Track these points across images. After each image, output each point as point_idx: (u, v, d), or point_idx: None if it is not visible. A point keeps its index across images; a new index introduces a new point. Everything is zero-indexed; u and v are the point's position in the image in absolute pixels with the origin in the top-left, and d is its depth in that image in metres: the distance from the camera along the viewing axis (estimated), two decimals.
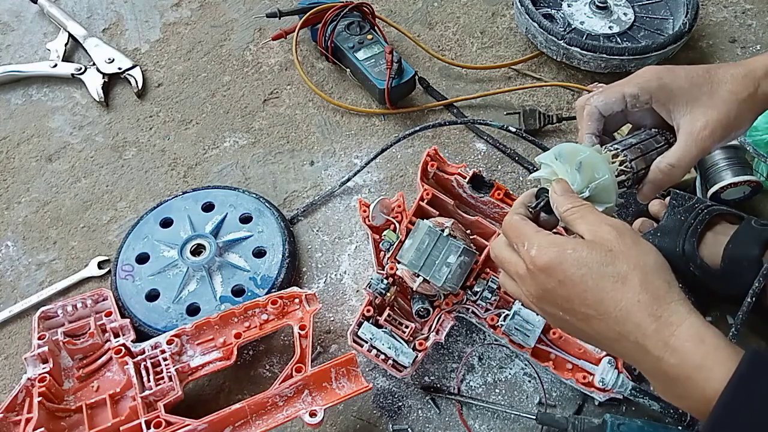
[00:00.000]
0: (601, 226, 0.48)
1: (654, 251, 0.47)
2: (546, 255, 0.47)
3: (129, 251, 0.77)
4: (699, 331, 0.43)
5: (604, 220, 0.48)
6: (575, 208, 0.50)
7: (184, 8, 1.06)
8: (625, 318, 0.44)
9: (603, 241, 0.46)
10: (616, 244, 0.46)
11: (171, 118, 0.93)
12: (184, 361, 0.66)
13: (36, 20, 1.06)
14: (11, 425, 0.62)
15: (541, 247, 0.48)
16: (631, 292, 0.44)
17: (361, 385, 0.62)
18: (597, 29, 0.94)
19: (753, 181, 0.75)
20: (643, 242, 0.48)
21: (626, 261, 0.45)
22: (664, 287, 0.45)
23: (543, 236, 0.49)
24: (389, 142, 0.84)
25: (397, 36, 1.00)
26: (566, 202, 0.51)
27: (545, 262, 0.47)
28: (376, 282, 0.66)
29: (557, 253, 0.46)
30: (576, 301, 0.46)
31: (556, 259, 0.46)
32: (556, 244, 0.47)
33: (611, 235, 0.47)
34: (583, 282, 0.45)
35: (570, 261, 0.46)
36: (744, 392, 0.40)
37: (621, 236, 0.47)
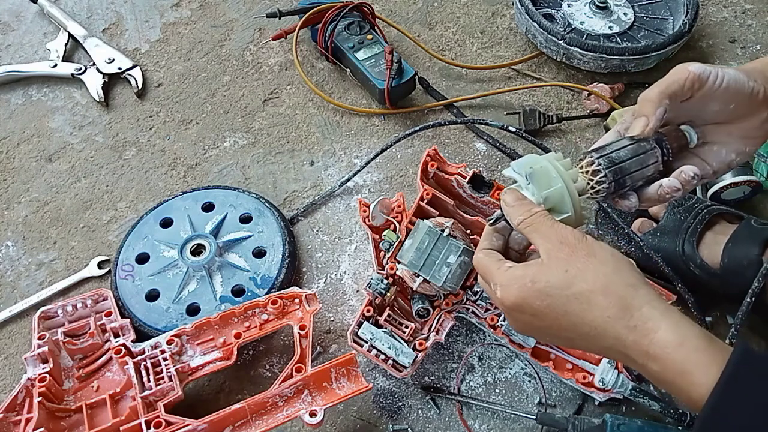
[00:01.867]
0: (553, 242, 0.47)
1: (611, 257, 0.46)
2: (510, 295, 0.47)
3: (129, 251, 0.77)
4: (677, 334, 0.42)
5: (556, 232, 0.47)
6: (528, 219, 0.49)
7: (184, 8, 1.06)
8: (602, 335, 0.44)
9: (558, 262, 0.46)
10: (571, 263, 0.46)
11: (171, 118, 0.93)
12: (184, 361, 0.66)
13: (36, 20, 1.06)
14: (11, 425, 0.62)
15: (504, 288, 0.48)
16: (598, 311, 0.44)
17: (361, 385, 0.62)
18: (597, 29, 0.94)
19: (753, 181, 0.75)
20: (598, 249, 0.47)
21: (584, 279, 0.45)
22: (629, 293, 0.44)
23: (503, 273, 0.49)
24: (389, 142, 0.84)
25: (397, 36, 1.00)
26: (518, 214, 0.50)
27: (512, 302, 0.47)
28: (376, 282, 0.66)
29: (519, 290, 0.47)
30: (554, 328, 0.47)
31: (520, 296, 0.47)
32: (516, 280, 0.47)
33: (563, 252, 0.46)
34: (552, 311, 0.46)
35: (533, 294, 0.46)
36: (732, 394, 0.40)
37: (574, 252, 0.46)
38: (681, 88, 0.52)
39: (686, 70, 0.52)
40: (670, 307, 0.44)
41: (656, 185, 0.53)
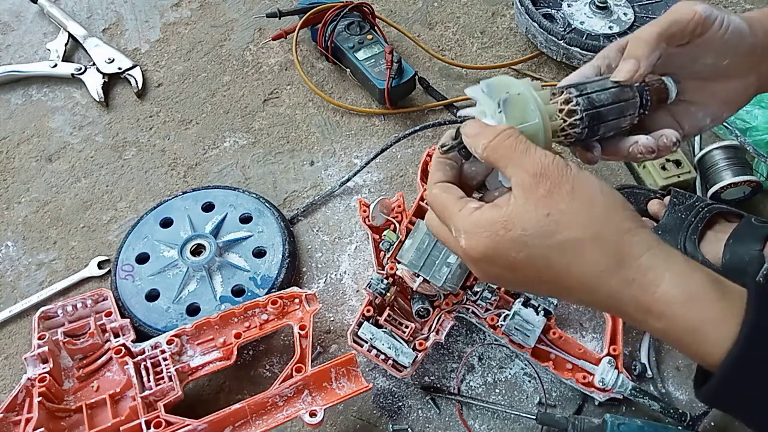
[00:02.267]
0: (529, 172, 0.39)
1: (600, 193, 0.39)
2: (478, 245, 0.39)
3: (129, 251, 0.77)
4: (683, 287, 0.36)
5: (533, 160, 0.39)
6: (495, 142, 0.40)
7: (184, 8, 1.06)
8: (593, 289, 0.38)
9: (536, 202, 0.38)
10: (553, 203, 0.38)
11: (171, 118, 0.93)
12: (184, 361, 0.66)
13: (36, 20, 1.06)
14: (11, 425, 0.62)
15: (469, 236, 0.40)
16: (588, 263, 0.38)
17: (361, 385, 0.62)
18: (597, 29, 0.94)
19: (753, 181, 0.76)
20: (585, 183, 0.39)
21: (569, 225, 0.37)
22: (625, 240, 0.38)
23: (467, 217, 0.40)
24: (389, 142, 0.84)
25: (397, 36, 1.00)
26: (482, 139, 0.41)
27: (480, 253, 0.40)
28: (376, 282, 0.66)
29: (489, 240, 0.39)
30: (532, 281, 0.40)
31: (490, 246, 0.39)
32: (484, 226, 0.39)
33: (542, 187, 0.38)
34: (531, 264, 0.39)
35: (506, 245, 0.38)
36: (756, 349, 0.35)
37: (556, 188, 0.38)
38: (682, 30, 0.45)
39: (692, 10, 0.45)
40: (672, 251, 0.38)
41: (630, 140, 0.47)
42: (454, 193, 0.43)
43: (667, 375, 0.69)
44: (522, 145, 0.40)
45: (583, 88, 0.46)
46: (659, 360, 0.70)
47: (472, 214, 0.40)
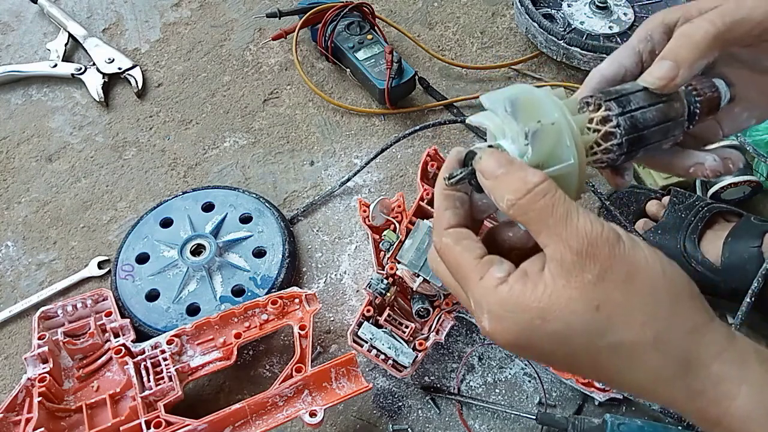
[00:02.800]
0: (572, 246, 0.30)
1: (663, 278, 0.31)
2: (506, 332, 0.32)
3: (129, 251, 0.77)
4: (763, 403, 0.30)
5: (577, 229, 0.31)
6: (526, 201, 0.32)
7: (184, 8, 1.06)
8: (651, 395, 0.32)
9: (583, 289, 0.30)
10: (604, 292, 0.30)
11: (171, 118, 0.93)
12: (184, 361, 0.66)
13: (36, 20, 1.06)
14: (11, 425, 0.62)
15: (495, 318, 0.32)
16: (647, 370, 0.31)
17: (361, 385, 0.62)
18: (597, 29, 0.94)
19: (753, 181, 0.76)
20: (643, 265, 0.31)
21: (627, 322, 0.30)
22: (693, 344, 0.31)
23: (491, 292, 0.32)
24: (389, 142, 0.84)
25: (397, 36, 1.00)
26: (508, 189, 0.32)
27: (509, 341, 0.33)
28: (376, 282, 0.66)
29: (521, 329, 0.32)
30: (576, 371, 0.34)
31: (523, 336, 0.32)
32: (513, 311, 0.32)
33: (591, 269, 0.30)
34: (574, 361, 0.32)
35: (544, 338, 0.31)
36: None
37: (607, 271, 0.30)
38: (747, 33, 0.35)
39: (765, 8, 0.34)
40: (747, 353, 0.31)
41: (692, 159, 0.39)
42: (472, 250, 0.34)
43: None
44: (562, 207, 0.31)
45: (625, 101, 0.36)
46: None
47: (497, 289, 0.32)
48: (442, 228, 0.36)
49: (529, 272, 0.32)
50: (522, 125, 0.34)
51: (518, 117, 0.34)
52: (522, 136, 0.34)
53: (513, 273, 0.33)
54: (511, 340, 0.32)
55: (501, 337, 0.33)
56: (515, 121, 0.34)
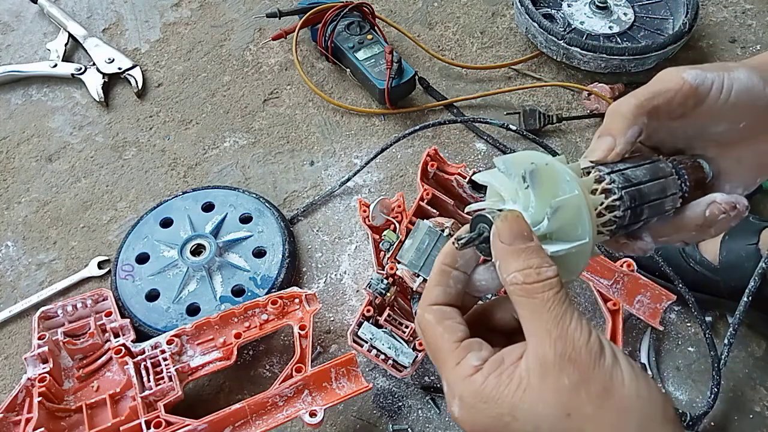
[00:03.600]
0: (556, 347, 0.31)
1: (636, 395, 0.31)
2: (473, 423, 0.32)
3: (129, 251, 0.77)
4: None
5: (566, 332, 0.31)
6: (531, 285, 0.32)
7: (184, 8, 1.06)
8: None
9: (557, 393, 0.30)
10: (578, 402, 0.30)
11: (171, 118, 0.93)
12: (184, 361, 0.66)
13: (36, 20, 1.06)
14: (11, 425, 0.62)
15: (465, 407, 0.32)
16: None
17: (361, 385, 0.62)
18: (597, 29, 0.94)
19: None
20: (619, 382, 0.31)
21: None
22: None
23: (464, 379, 0.32)
24: (389, 142, 0.84)
25: (397, 36, 1.00)
26: (516, 264, 0.33)
27: (473, 429, 0.33)
28: (376, 282, 0.66)
29: (490, 422, 0.31)
30: None
31: (488, 429, 0.32)
32: (484, 402, 0.31)
33: (569, 375, 0.30)
34: None
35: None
36: None
37: (584, 382, 0.30)
38: (669, 103, 0.37)
39: (679, 79, 0.37)
40: None
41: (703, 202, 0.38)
42: (453, 332, 0.34)
43: (667, 375, 0.69)
44: (560, 307, 0.31)
45: (612, 165, 0.38)
46: (659, 360, 0.70)
47: (471, 378, 0.32)
48: (426, 303, 0.36)
49: (506, 360, 0.32)
50: (516, 174, 0.34)
51: (511, 171, 0.35)
52: (520, 184, 0.34)
53: (489, 360, 0.33)
54: (474, 430, 0.32)
55: (469, 428, 0.33)
56: (508, 177, 0.35)
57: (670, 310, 0.73)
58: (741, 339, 0.71)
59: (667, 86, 0.38)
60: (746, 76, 0.38)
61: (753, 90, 0.38)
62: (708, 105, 0.38)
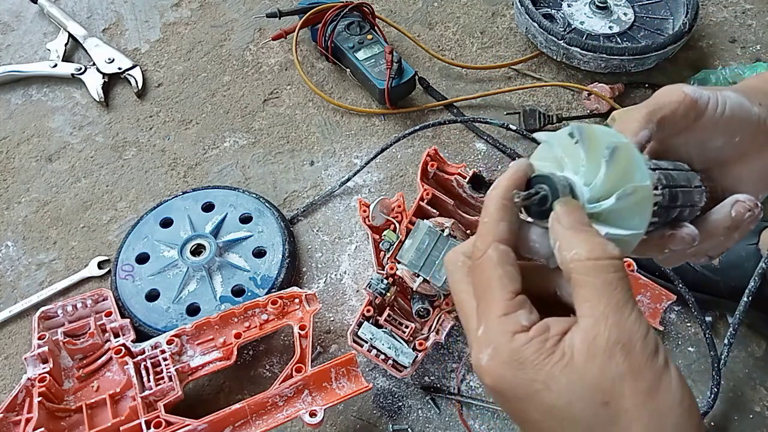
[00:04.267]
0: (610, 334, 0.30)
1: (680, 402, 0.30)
2: (499, 378, 0.31)
3: (129, 251, 0.77)
4: None
5: (625, 321, 0.30)
6: (591, 264, 0.31)
7: (184, 8, 1.06)
8: None
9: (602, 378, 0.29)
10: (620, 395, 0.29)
11: (171, 118, 0.93)
12: (184, 361, 0.66)
13: (36, 20, 1.06)
14: (11, 425, 0.62)
15: (496, 360, 0.31)
16: None
17: (361, 385, 0.62)
18: (597, 29, 0.94)
19: None
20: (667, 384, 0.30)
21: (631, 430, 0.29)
22: None
23: (507, 333, 0.31)
24: (389, 142, 0.84)
25: (397, 36, 1.00)
26: (578, 243, 0.32)
27: (496, 387, 0.31)
28: (376, 282, 0.66)
29: (518, 385, 0.30)
30: None
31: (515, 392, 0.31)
32: (520, 363, 0.30)
33: (620, 367, 0.29)
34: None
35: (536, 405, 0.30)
36: None
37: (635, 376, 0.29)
38: (673, 114, 0.39)
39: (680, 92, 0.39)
40: None
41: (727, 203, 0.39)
42: (511, 281, 0.33)
43: None
44: (623, 294, 0.30)
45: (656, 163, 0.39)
46: None
47: (516, 335, 0.31)
48: (492, 238, 0.34)
49: (551, 330, 0.31)
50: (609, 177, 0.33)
51: (610, 166, 0.33)
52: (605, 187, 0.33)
53: (536, 325, 0.31)
54: (501, 388, 0.31)
55: (492, 380, 0.31)
56: (605, 168, 0.33)
57: (670, 310, 0.73)
58: (741, 339, 0.71)
59: (671, 98, 0.39)
60: (735, 95, 0.40)
61: (743, 106, 0.40)
62: (707, 118, 0.39)
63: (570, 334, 0.31)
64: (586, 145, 0.34)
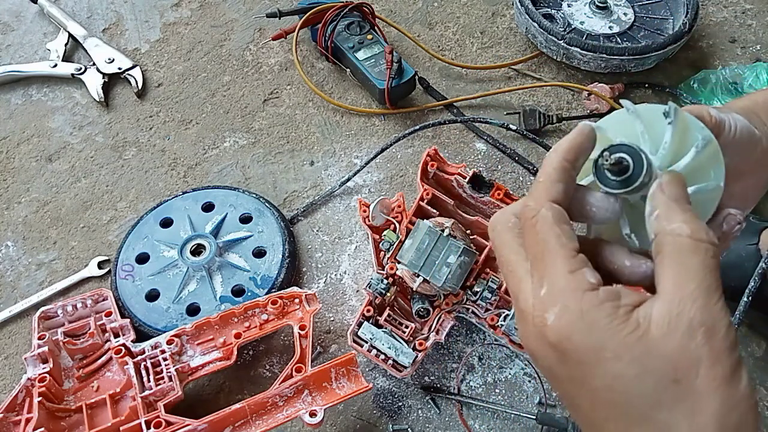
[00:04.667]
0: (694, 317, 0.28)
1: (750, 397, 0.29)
2: (563, 339, 0.29)
3: (129, 251, 0.77)
4: None
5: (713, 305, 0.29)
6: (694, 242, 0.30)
7: (184, 8, 1.06)
8: None
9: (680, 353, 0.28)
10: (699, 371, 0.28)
11: (171, 118, 0.93)
12: (184, 361, 0.66)
13: (36, 20, 1.06)
14: (11, 425, 0.62)
15: (566, 318, 0.29)
16: None
17: (361, 385, 0.62)
18: (597, 29, 0.94)
19: None
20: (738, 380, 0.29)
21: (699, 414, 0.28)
22: None
23: (575, 292, 0.30)
24: (389, 142, 0.84)
25: (397, 36, 1.00)
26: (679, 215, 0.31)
27: (561, 346, 0.30)
28: (376, 282, 0.66)
29: (585, 349, 0.29)
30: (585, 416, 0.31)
31: (577, 354, 0.29)
32: (591, 326, 0.29)
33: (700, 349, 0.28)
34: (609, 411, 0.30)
35: (601, 373, 0.29)
36: None
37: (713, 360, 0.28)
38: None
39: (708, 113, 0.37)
40: None
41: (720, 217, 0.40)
42: (570, 239, 0.31)
43: None
44: (713, 279, 0.29)
45: None
46: None
47: (587, 292, 0.30)
48: (546, 198, 0.33)
49: (623, 299, 0.30)
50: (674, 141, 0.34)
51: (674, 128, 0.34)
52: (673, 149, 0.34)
53: (605, 288, 0.30)
54: (565, 349, 0.29)
55: (557, 339, 0.29)
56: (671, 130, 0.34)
57: None
58: (741, 339, 0.71)
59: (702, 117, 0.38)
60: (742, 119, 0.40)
61: (749, 129, 0.40)
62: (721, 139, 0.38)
63: (645, 307, 0.29)
64: (677, 128, 0.34)
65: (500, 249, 0.34)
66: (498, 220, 0.35)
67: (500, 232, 0.35)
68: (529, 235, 0.33)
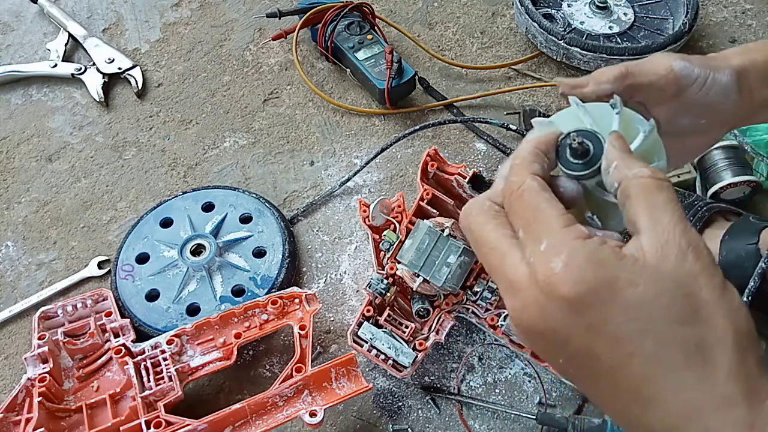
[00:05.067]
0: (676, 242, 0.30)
1: (744, 306, 0.30)
2: (576, 283, 0.29)
3: (129, 251, 0.77)
4: None
5: (692, 232, 0.30)
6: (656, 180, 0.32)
7: (184, 8, 1.06)
8: (690, 415, 0.28)
9: (679, 272, 0.29)
10: (700, 283, 0.29)
11: (171, 118, 0.93)
12: (184, 361, 0.66)
13: (36, 20, 1.06)
14: (11, 425, 0.62)
15: (572, 264, 0.29)
16: (713, 378, 0.28)
17: (361, 385, 0.62)
18: (597, 29, 0.94)
19: (753, 181, 0.75)
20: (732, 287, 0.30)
21: (714, 319, 0.29)
22: (758, 372, 0.29)
23: (575, 241, 0.30)
24: (389, 142, 0.84)
25: (397, 36, 1.00)
26: (635, 163, 0.33)
27: (574, 291, 0.29)
28: (376, 282, 0.66)
29: (598, 284, 0.29)
30: (608, 366, 0.30)
31: (594, 294, 0.29)
32: (601, 264, 0.29)
33: (694, 265, 0.29)
34: (635, 342, 0.29)
35: (621, 303, 0.29)
36: None
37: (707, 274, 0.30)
38: (650, 85, 0.40)
39: (667, 66, 0.39)
40: None
41: None
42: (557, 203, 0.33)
43: None
44: (681, 211, 0.31)
45: None
46: None
47: (587, 240, 0.30)
48: (528, 171, 0.34)
49: (608, 242, 0.31)
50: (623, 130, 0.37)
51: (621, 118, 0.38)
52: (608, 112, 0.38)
53: (600, 237, 0.31)
54: (580, 292, 0.29)
55: (571, 286, 0.29)
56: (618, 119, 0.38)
57: None
58: None
59: (656, 69, 0.40)
60: (727, 80, 0.40)
61: (727, 92, 0.40)
62: (685, 98, 0.40)
63: (634, 243, 0.31)
64: (623, 118, 0.38)
65: (477, 231, 0.35)
66: (471, 206, 0.36)
67: (476, 215, 0.35)
68: (517, 204, 0.34)
